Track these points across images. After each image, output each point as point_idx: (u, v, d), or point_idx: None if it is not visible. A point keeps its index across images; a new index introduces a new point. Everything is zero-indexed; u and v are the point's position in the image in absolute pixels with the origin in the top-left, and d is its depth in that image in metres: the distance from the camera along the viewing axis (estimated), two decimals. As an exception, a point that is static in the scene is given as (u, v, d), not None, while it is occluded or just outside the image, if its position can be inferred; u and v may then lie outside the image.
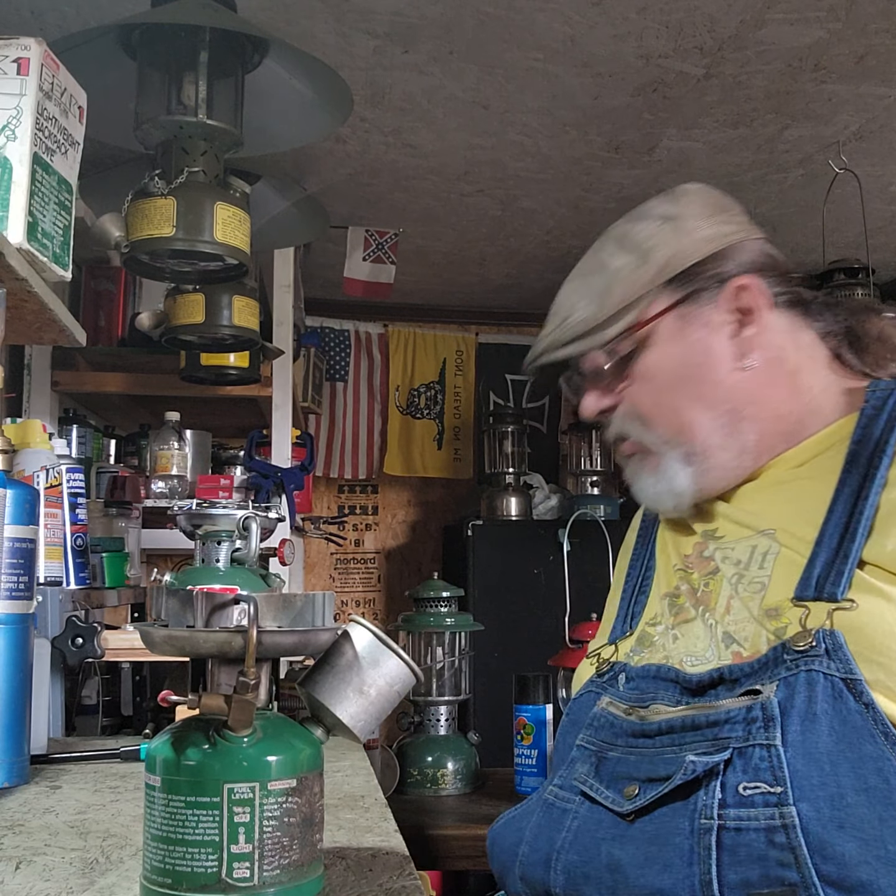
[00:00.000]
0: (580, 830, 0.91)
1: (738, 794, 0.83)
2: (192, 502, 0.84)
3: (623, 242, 1.10)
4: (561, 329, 1.07)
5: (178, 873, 0.72)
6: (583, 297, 1.07)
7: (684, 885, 0.82)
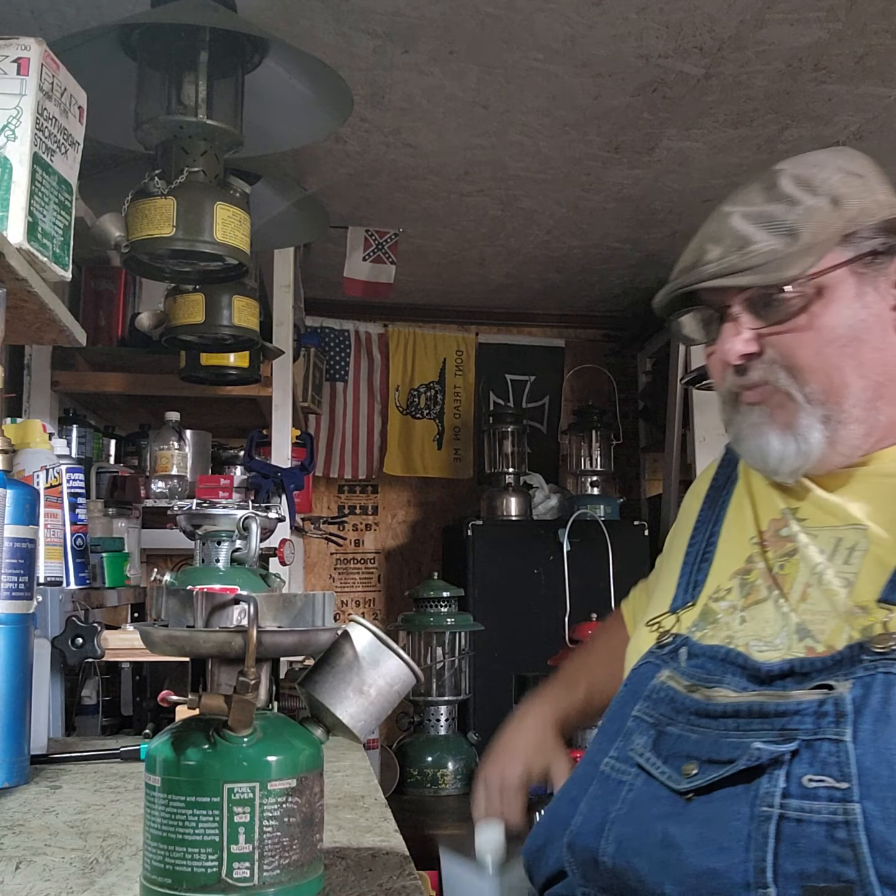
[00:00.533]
0: (635, 803, 0.90)
1: (801, 785, 0.82)
2: (192, 502, 0.84)
3: (809, 184, 1.03)
4: (741, 255, 1.01)
5: (178, 873, 0.72)
6: (764, 227, 1.01)
7: (738, 869, 0.81)
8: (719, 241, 1.03)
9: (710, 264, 1.03)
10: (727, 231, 1.04)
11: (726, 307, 1.04)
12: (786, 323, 1.01)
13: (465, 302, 4.30)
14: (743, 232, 1.02)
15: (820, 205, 1.01)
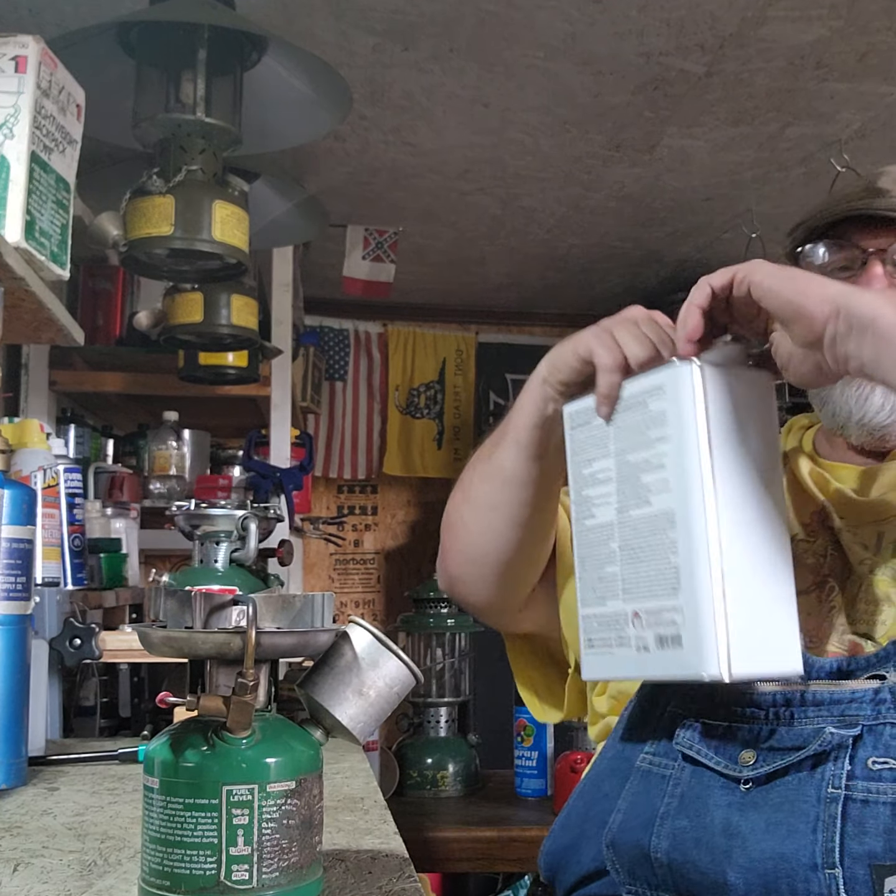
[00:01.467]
0: (686, 796, 0.90)
1: (867, 767, 0.84)
2: (190, 502, 0.84)
3: None
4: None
5: (176, 875, 0.71)
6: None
7: (806, 852, 0.82)
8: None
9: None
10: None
11: (881, 250, 1.07)
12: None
13: (464, 301, 4.30)
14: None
15: None
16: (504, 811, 2.07)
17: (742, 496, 0.86)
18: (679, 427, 0.86)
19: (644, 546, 0.89)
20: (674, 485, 0.86)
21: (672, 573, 0.86)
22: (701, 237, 3.39)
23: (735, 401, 0.87)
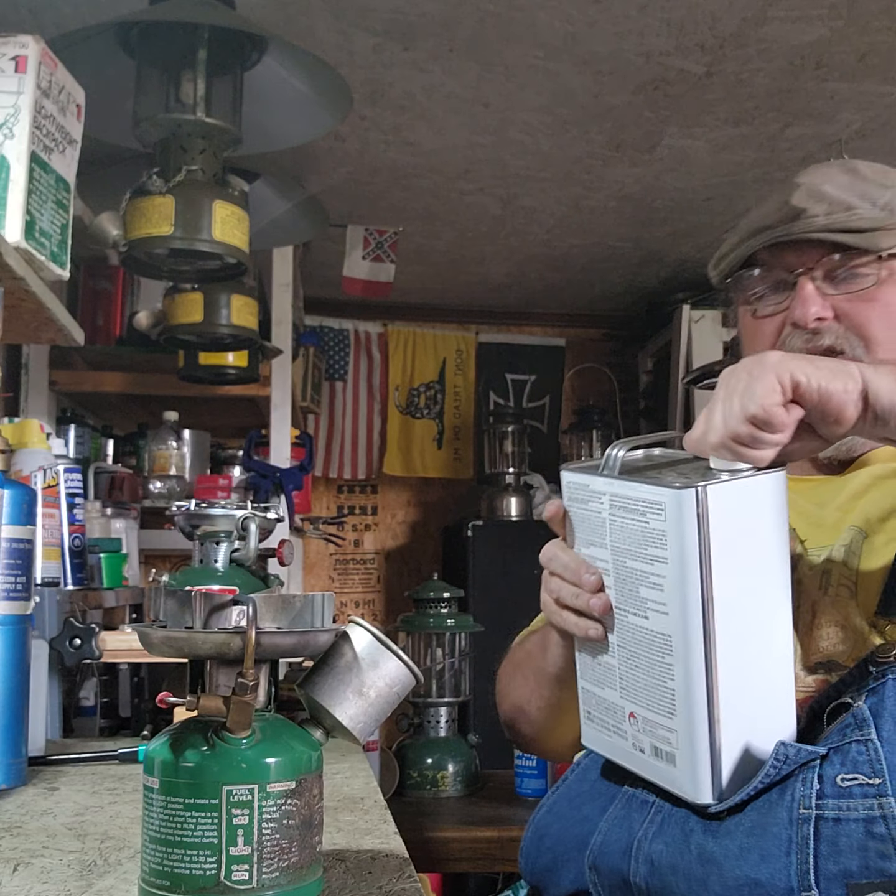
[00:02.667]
0: (665, 822, 0.90)
1: (836, 785, 0.82)
2: (190, 502, 0.84)
3: (888, 175, 1.09)
4: (848, 215, 1.04)
5: (176, 875, 0.71)
6: (861, 199, 1.06)
7: (781, 876, 0.81)
8: (819, 201, 1.06)
9: (818, 217, 1.05)
10: (824, 195, 1.06)
11: (808, 269, 1.06)
12: (861, 294, 1.05)
13: (465, 301, 4.30)
14: (842, 197, 1.05)
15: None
16: (504, 811, 2.07)
17: (743, 618, 0.83)
18: (679, 553, 0.82)
19: (641, 656, 0.87)
20: (671, 611, 0.83)
21: (668, 697, 0.85)
22: (701, 237, 3.39)
23: (742, 515, 0.83)
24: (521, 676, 1.19)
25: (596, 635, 0.90)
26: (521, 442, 3.98)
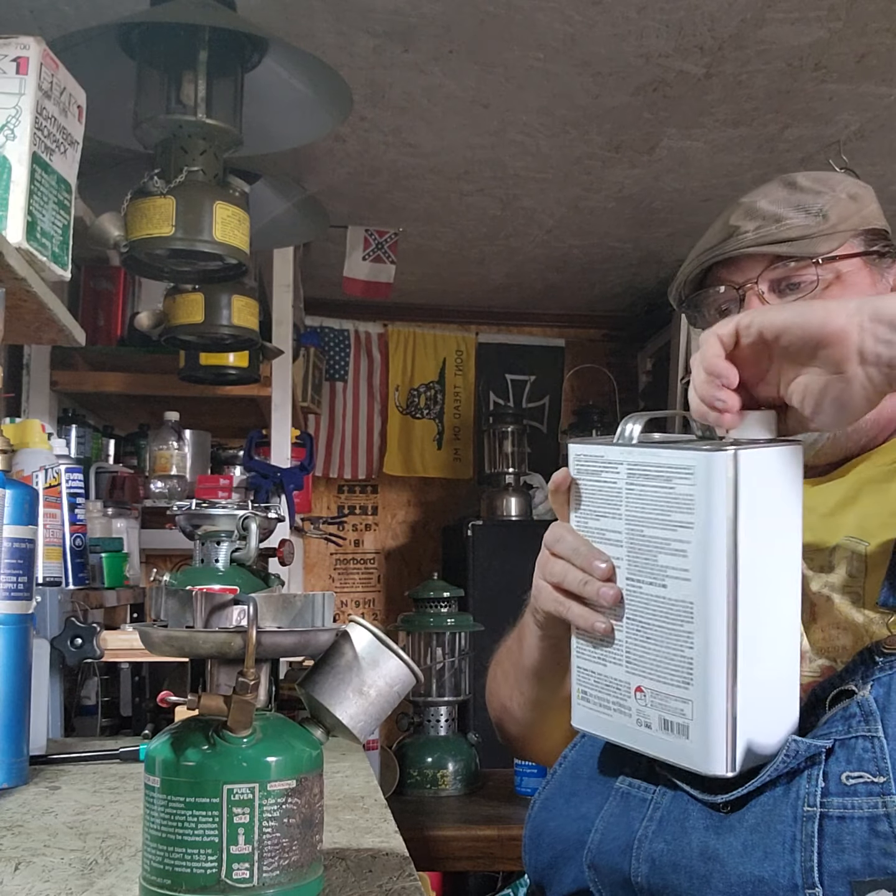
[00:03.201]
0: (665, 820, 0.90)
1: (841, 783, 0.83)
2: (191, 502, 0.84)
3: (828, 182, 1.11)
4: (778, 227, 1.06)
5: (177, 874, 0.71)
6: (795, 209, 1.08)
7: (785, 873, 0.81)
8: (752, 218, 1.08)
9: (748, 233, 1.07)
10: (757, 212, 1.09)
11: (751, 283, 1.08)
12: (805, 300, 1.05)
13: (465, 302, 4.30)
14: (775, 211, 1.08)
15: (840, 196, 1.08)
16: (504, 810, 2.07)
17: (762, 587, 0.83)
18: (707, 518, 0.81)
19: (655, 626, 0.86)
20: (694, 577, 0.82)
21: (685, 666, 0.84)
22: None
23: (766, 484, 0.83)
24: (502, 673, 1.19)
25: (602, 629, 0.89)
26: (520, 442, 3.98)
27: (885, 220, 1.12)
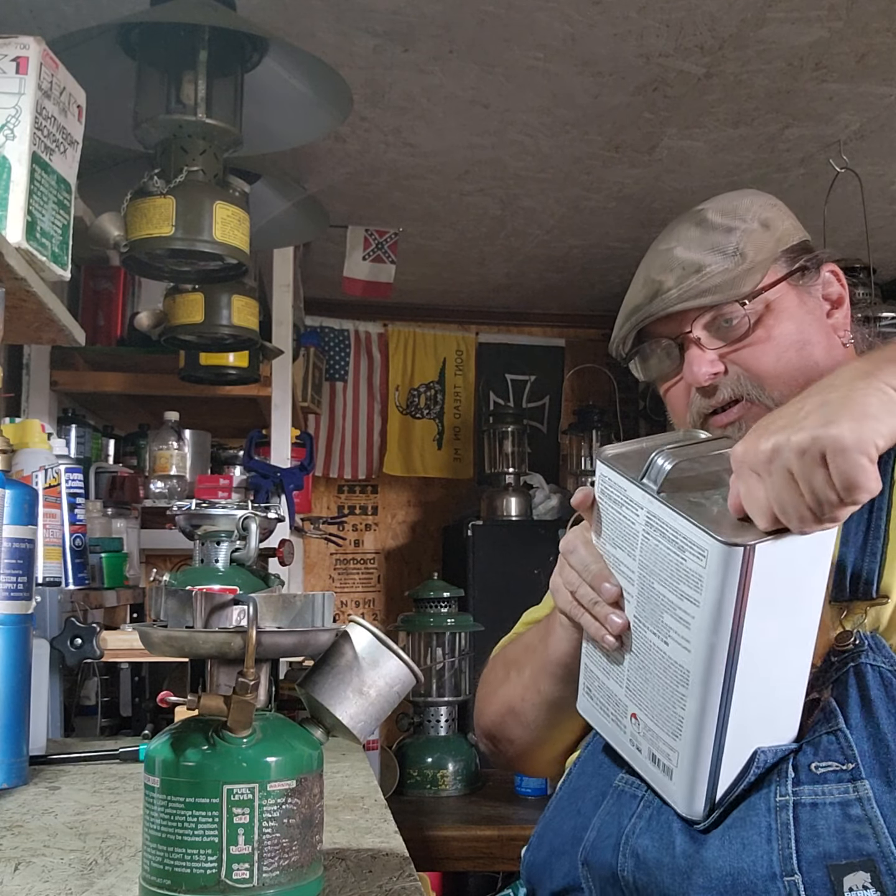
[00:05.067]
0: (654, 818, 0.91)
1: (811, 772, 0.85)
2: (191, 502, 0.84)
3: (736, 213, 1.13)
4: (699, 278, 1.08)
5: (177, 874, 0.71)
6: (711, 252, 1.09)
7: (763, 863, 0.83)
8: (671, 269, 1.11)
9: (671, 291, 1.10)
10: (675, 261, 1.12)
11: (686, 334, 1.10)
12: (744, 339, 1.08)
13: (465, 302, 4.30)
14: (692, 258, 1.10)
15: (753, 227, 1.11)
16: (504, 810, 2.07)
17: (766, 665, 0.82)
18: (713, 604, 0.79)
19: (655, 673, 0.86)
20: (694, 651, 0.82)
21: (676, 721, 0.84)
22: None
23: (784, 571, 0.80)
24: (516, 673, 1.17)
25: (611, 644, 0.90)
26: (520, 442, 3.98)
27: (802, 232, 1.14)
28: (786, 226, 1.13)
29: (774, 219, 1.12)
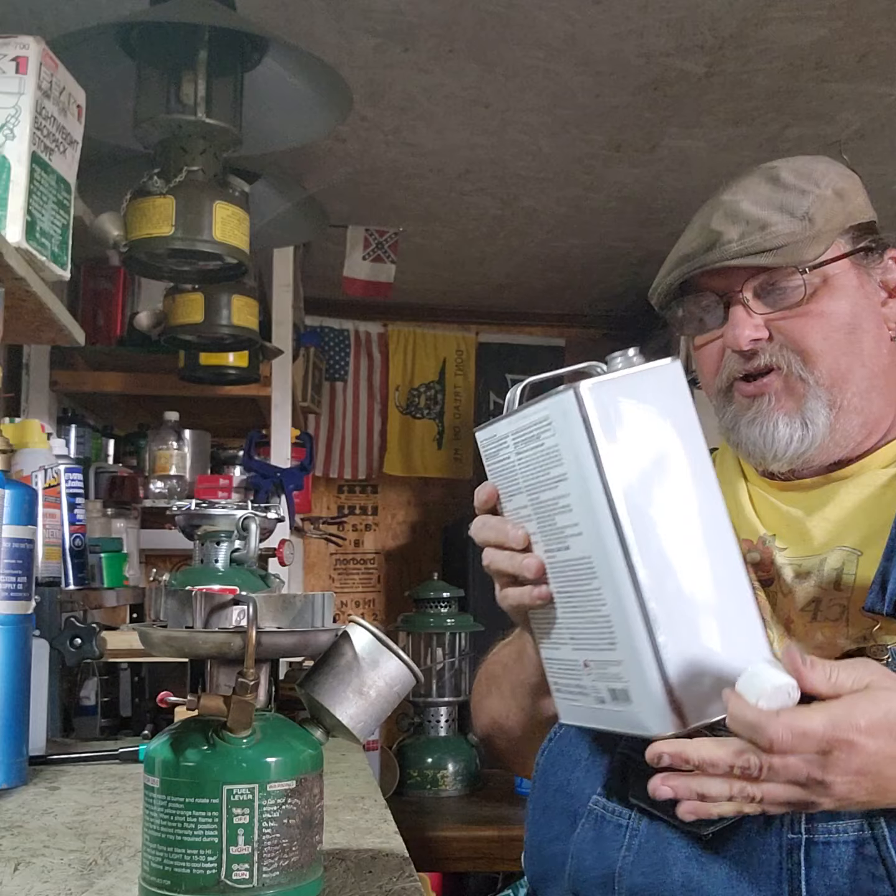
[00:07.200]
0: (643, 850, 0.87)
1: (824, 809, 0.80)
2: (190, 502, 0.84)
3: (811, 177, 1.05)
4: (763, 235, 1.00)
5: (177, 875, 0.71)
6: (780, 212, 1.02)
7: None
8: (735, 222, 1.03)
9: (732, 244, 1.02)
10: (741, 214, 1.03)
11: (735, 292, 1.03)
12: (794, 308, 1.02)
13: (465, 301, 4.30)
14: (759, 215, 1.02)
15: (826, 194, 1.03)
16: (504, 810, 2.07)
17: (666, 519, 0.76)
18: (575, 464, 0.76)
19: (574, 593, 0.81)
20: (584, 529, 0.77)
21: (605, 625, 0.78)
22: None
23: (637, 411, 0.76)
24: (497, 690, 1.14)
25: (539, 595, 0.83)
26: (521, 442, 3.97)
27: (871, 211, 1.08)
28: (859, 201, 1.06)
29: (849, 190, 1.06)
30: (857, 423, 1.01)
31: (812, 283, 1.01)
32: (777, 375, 1.02)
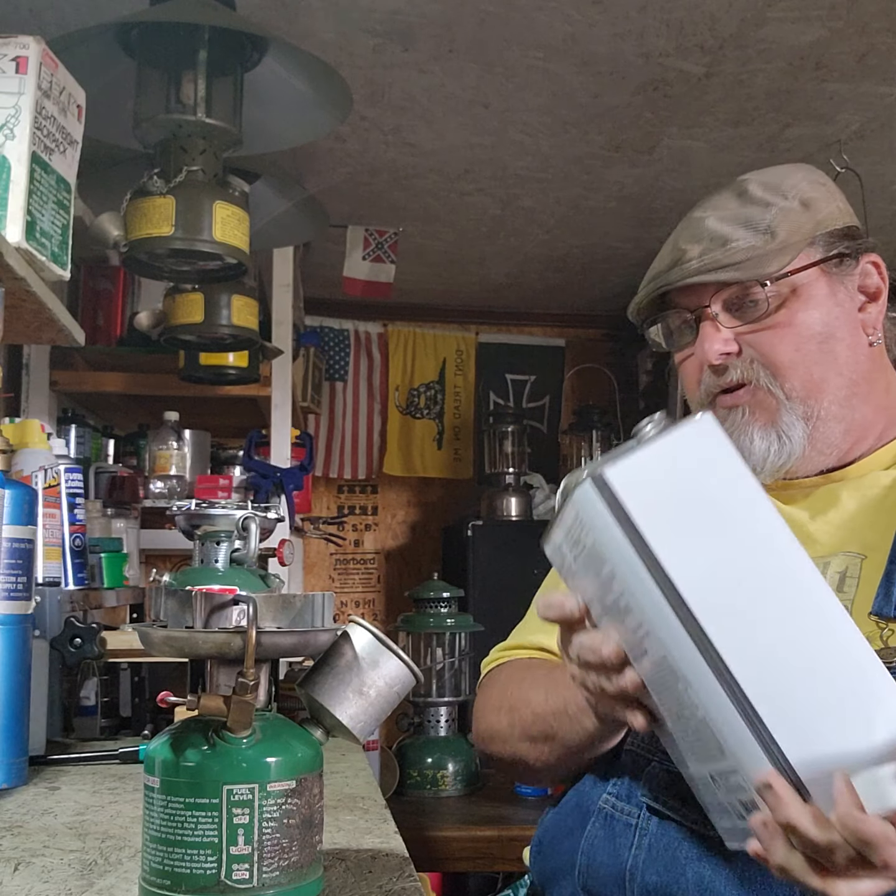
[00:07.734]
0: (654, 848, 0.87)
1: None
2: (190, 502, 0.84)
3: (779, 189, 1.06)
4: (723, 251, 1.02)
5: (177, 875, 0.71)
6: (742, 227, 1.03)
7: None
8: (699, 240, 1.05)
9: (692, 261, 1.04)
10: (705, 232, 1.06)
11: (703, 308, 1.05)
12: (763, 321, 1.03)
13: (465, 301, 4.30)
14: (721, 231, 1.04)
15: (792, 206, 1.04)
16: (504, 810, 2.07)
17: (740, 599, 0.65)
18: (614, 556, 0.67)
19: (671, 699, 0.71)
20: (647, 626, 0.67)
21: (707, 731, 0.67)
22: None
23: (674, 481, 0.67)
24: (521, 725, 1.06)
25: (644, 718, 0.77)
26: (521, 442, 3.98)
27: (849, 217, 1.08)
28: (830, 208, 1.06)
29: (818, 199, 1.06)
30: (838, 431, 1.01)
31: (779, 294, 1.02)
32: (747, 390, 1.03)
